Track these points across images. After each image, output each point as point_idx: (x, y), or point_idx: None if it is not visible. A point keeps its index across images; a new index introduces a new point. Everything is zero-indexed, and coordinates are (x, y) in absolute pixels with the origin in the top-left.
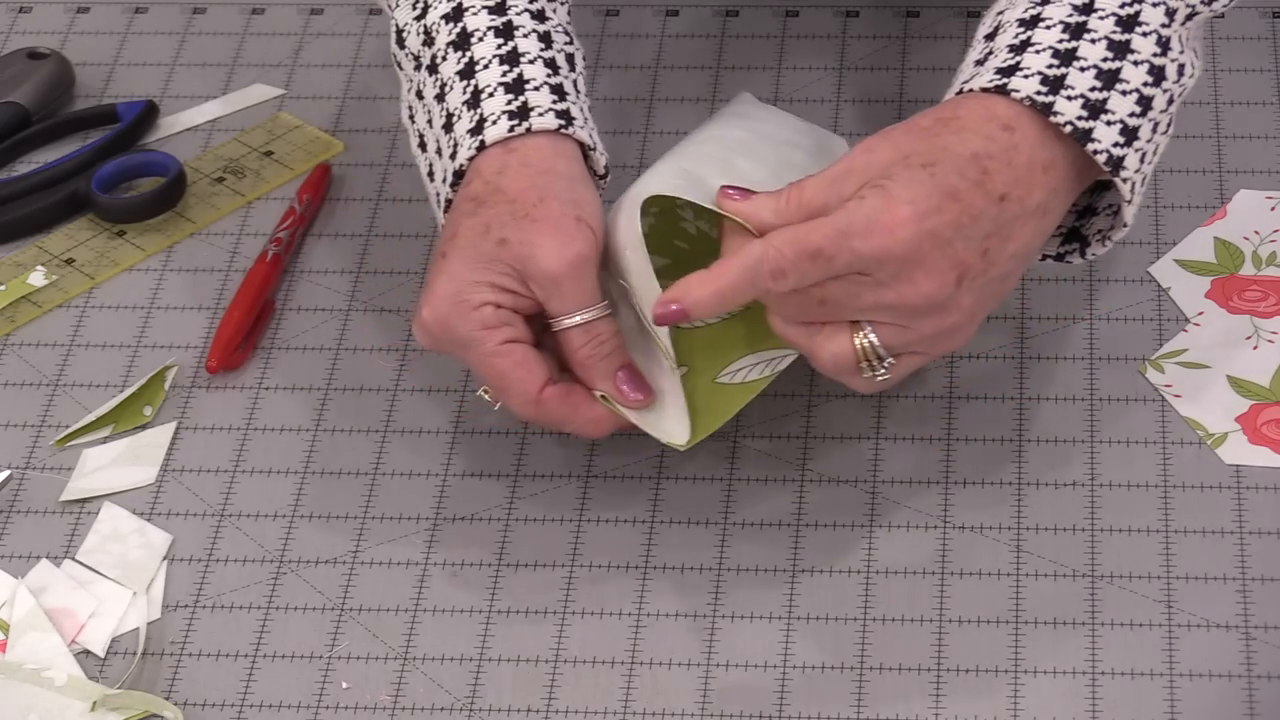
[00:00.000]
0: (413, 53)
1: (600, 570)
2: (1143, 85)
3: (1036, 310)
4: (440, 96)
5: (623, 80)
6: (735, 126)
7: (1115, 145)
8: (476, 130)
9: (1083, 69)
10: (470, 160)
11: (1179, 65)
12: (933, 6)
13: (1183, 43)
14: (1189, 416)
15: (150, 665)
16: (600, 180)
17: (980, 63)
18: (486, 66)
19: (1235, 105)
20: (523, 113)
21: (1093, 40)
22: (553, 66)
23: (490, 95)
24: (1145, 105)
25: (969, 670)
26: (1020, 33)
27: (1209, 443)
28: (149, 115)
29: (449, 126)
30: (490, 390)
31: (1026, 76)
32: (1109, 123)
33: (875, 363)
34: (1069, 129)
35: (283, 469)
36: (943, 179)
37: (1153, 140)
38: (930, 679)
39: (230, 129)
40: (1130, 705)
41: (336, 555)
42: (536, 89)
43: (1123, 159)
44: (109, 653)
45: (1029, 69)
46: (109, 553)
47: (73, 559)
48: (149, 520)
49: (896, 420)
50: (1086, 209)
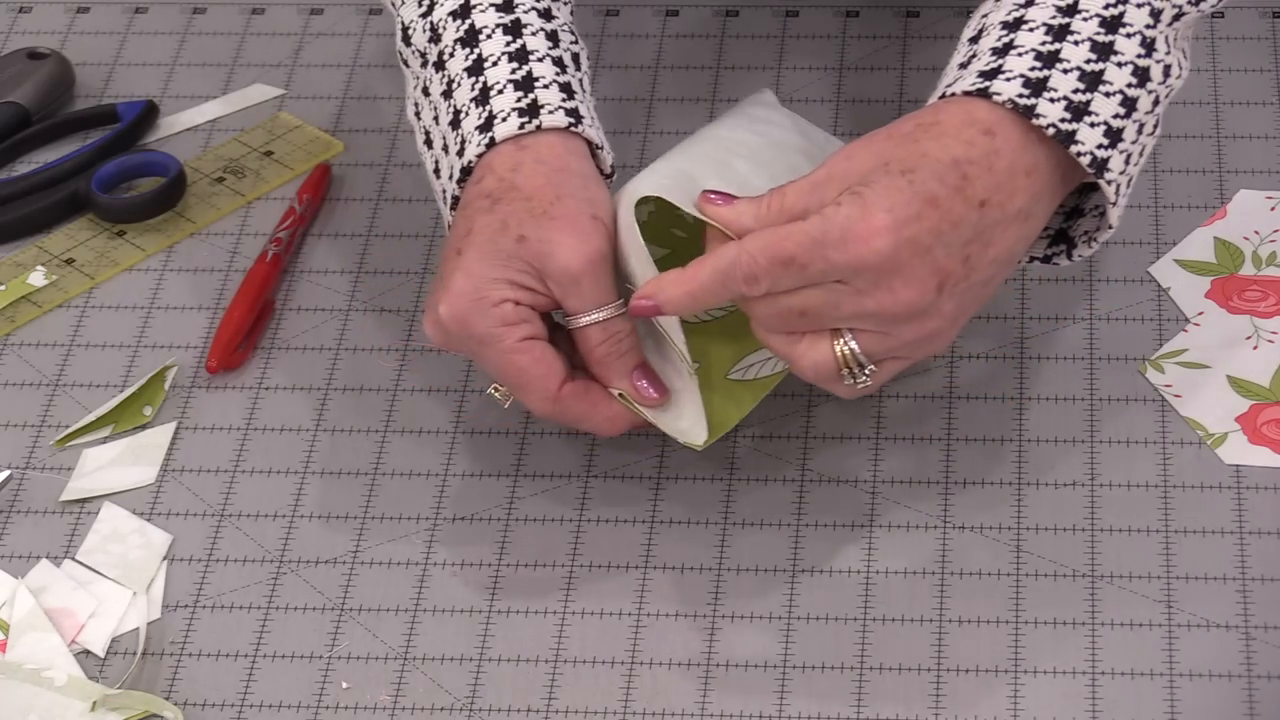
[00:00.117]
0: (419, 49)
1: (600, 570)
2: (1127, 86)
3: (1036, 310)
4: (447, 93)
5: (623, 80)
6: (744, 128)
7: (1099, 147)
8: (486, 127)
9: (1066, 71)
10: (479, 156)
11: (1165, 66)
12: (932, 6)
13: (1169, 43)
14: (1189, 416)
15: (150, 665)
16: (606, 180)
17: (964, 66)
18: (495, 63)
19: (1235, 105)
20: (533, 110)
21: (1076, 42)
22: (560, 65)
23: (500, 92)
24: (1130, 106)
25: (969, 670)
26: (1003, 35)
27: (1209, 443)
28: (149, 115)
29: (456, 123)
30: (504, 388)
31: (1008, 79)
32: (1093, 124)
33: (856, 370)
34: (1051, 131)
35: (283, 469)
36: (922, 186)
37: (1138, 141)
38: (930, 679)
39: (230, 129)
40: (1130, 705)
41: (336, 555)
42: (546, 86)
43: (1107, 161)
44: (109, 653)
45: (1011, 72)
46: (109, 553)
47: (73, 559)
48: (149, 520)
49: (896, 420)
50: (1074, 210)
